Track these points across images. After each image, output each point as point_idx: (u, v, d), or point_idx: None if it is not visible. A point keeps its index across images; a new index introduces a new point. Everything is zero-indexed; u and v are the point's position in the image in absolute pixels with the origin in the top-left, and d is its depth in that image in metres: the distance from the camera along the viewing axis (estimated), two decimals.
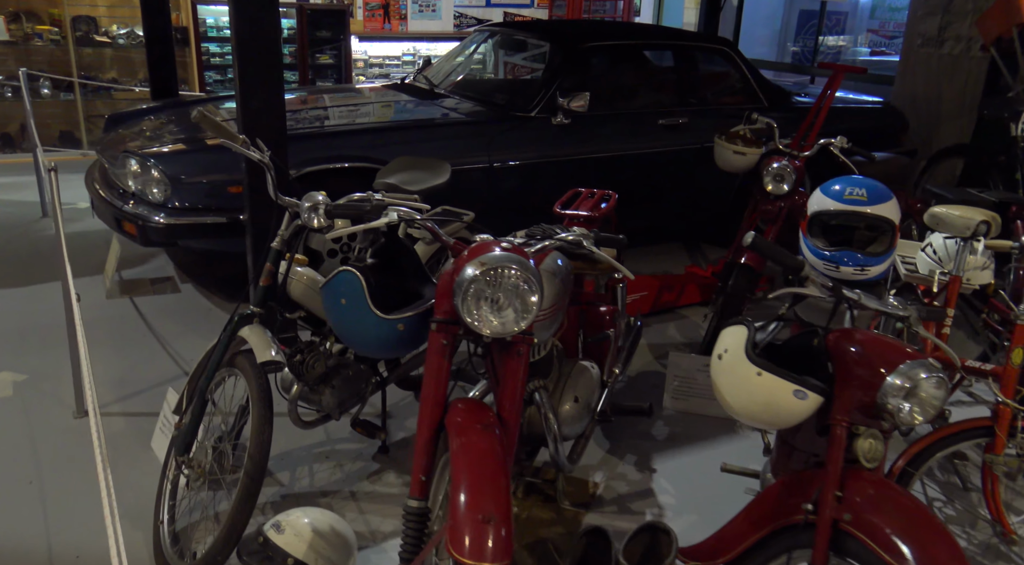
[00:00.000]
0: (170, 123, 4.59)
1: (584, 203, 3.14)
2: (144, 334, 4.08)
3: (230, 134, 2.44)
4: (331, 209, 1.99)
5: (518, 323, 1.86)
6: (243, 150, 2.47)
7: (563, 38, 4.97)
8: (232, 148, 2.46)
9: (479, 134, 4.53)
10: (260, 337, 2.44)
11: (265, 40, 3.33)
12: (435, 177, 3.11)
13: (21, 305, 4.36)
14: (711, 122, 5.17)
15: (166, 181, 3.92)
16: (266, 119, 3.39)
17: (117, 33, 7.40)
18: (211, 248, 4.09)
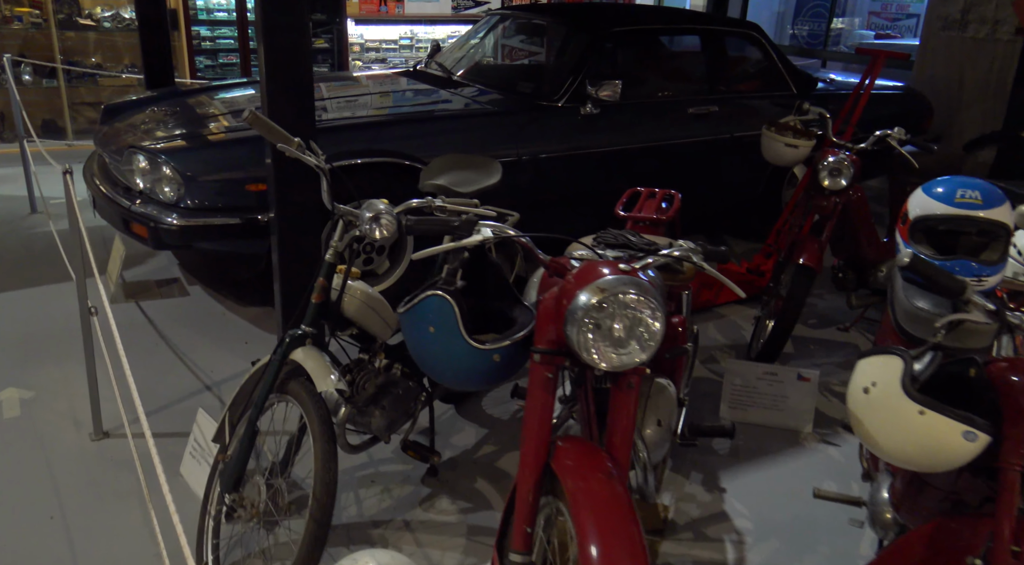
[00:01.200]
0: (175, 115, 4.29)
1: (647, 204, 2.92)
2: (156, 343, 3.81)
3: (284, 137, 2.19)
4: (412, 224, 1.75)
5: (640, 354, 1.64)
6: (298, 154, 2.21)
7: (589, 23, 4.72)
8: (287, 152, 2.20)
9: (506, 125, 4.29)
10: (318, 362, 2.20)
11: (294, 26, 3.05)
12: (487, 177, 2.87)
13: (18, 312, 4.06)
14: (741, 110, 4.97)
15: (179, 179, 3.63)
16: (294, 111, 3.12)
17: (102, 15, 7.02)
18: (227, 250, 3.81)
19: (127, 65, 7.33)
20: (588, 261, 1.73)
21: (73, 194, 2.74)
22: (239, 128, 3.92)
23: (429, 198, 2.41)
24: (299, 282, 3.34)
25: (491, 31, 5.49)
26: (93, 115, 7.42)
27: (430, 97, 4.60)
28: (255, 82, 5.04)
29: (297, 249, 3.30)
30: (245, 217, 3.71)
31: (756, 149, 5.01)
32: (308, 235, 3.31)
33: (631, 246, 2.40)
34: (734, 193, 5.15)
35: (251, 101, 4.56)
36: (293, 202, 3.21)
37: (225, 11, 7.47)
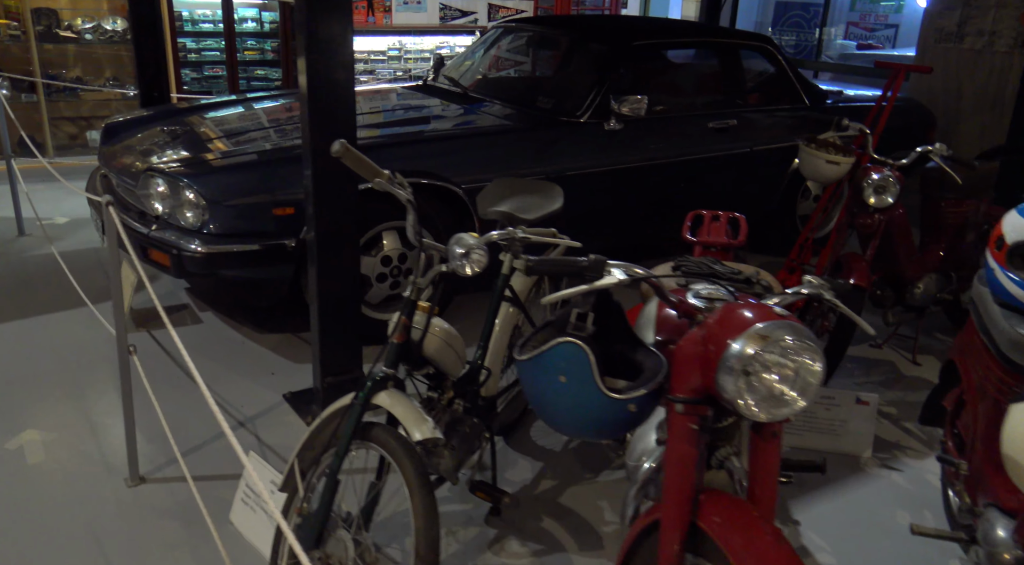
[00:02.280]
0: (186, 135, 4.09)
1: (713, 228, 2.83)
2: (176, 376, 3.61)
3: (374, 170, 2.05)
4: (535, 265, 1.63)
5: (800, 403, 1.54)
6: (388, 187, 2.08)
7: (609, 36, 4.64)
8: (377, 186, 2.07)
9: (530, 143, 4.18)
10: (408, 408, 2.06)
11: (338, 42, 2.90)
12: (550, 203, 2.76)
13: (24, 344, 3.82)
14: (758, 124, 4.93)
15: (202, 204, 3.45)
16: (336, 131, 2.97)
17: (82, 27, 6.75)
18: (250, 276, 3.64)
19: (109, 78, 7.06)
20: (728, 303, 1.63)
21: (119, 227, 2.56)
22: (262, 150, 3.75)
23: (510, 229, 2.28)
24: (337, 307, 3.19)
25: (496, 44, 5.38)
26: (73, 130, 7.14)
27: (451, 114, 4.47)
28: (247, 100, 4.84)
29: (336, 273, 3.15)
30: (271, 242, 3.55)
31: (773, 162, 5.00)
32: (346, 258, 3.17)
33: (718, 275, 2.31)
34: (751, 206, 5.11)
35: (245, 119, 4.39)
36: (332, 224, 3.06)
37: (211, 22, 7.25)
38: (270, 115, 4.50)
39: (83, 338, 3.90)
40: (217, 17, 7.22)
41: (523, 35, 5.33)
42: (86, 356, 3.74)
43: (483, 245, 2.03)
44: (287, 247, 3.56)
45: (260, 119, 4.40)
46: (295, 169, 3.59)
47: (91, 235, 5.33)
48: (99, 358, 3.73)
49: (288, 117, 4.44)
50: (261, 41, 7.46)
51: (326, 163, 2.97)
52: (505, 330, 2.81)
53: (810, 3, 11.00)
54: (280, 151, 3.73)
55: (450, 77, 5.10)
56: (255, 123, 4.30)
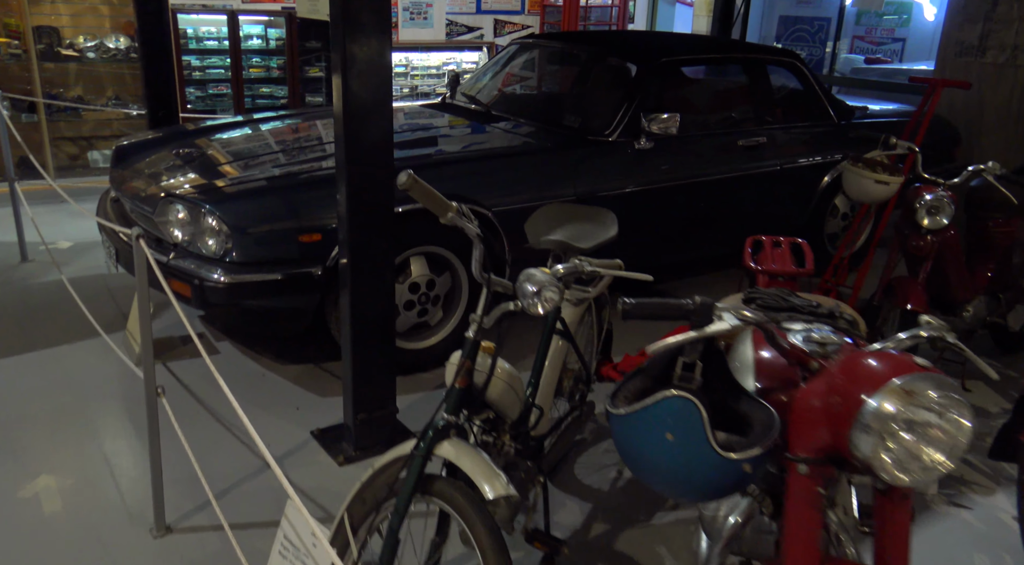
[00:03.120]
0: (203, 158, 3.92)
1: (776, 255, 2.67)
2: (196, 411, 3.43)
3: (443, 204, 1.89)
4: (630, 309, 1.47)
5: (948, 464, 1.38)
6: (458, 221, 1.91)
7: (637, 53, 4.51)
8: (448, 221, 1.91)
9: (560, 163, 4.03)
10: (477, 461, 1.88)
11: (376, 61, 2.74)
12: (604, 230, 2.60)
13: (31, 379, 3.63)
14: (787, 141, 4.79)
15: (225, 231, 3.28)
16: (374, 154, 2.81)
17: (84, 46, 6.58)
18: (274, 307, 3.46)
19: (111, 97, 6.88)
20: (850, 349, 1.47)
21: (151, 262, 2.38)
22: (285, 174, 3.59)
23: (576, 262, 2.12)
24: (371, 338, 3.02)
25: (514, 61, 5.24)
26: (74, 151, 6.95)
27: (475, 133, 4.32)
28: (257, 121, 4.66)
29: (370, 301, 2.98)
30: (297, 271, 3.37)
31: (802, 180, 4.87)
32: (381, 285, 3.00)
33: (797, 309, 2.15)
34: (781, 225, 4.96)
35: (259, 141, 4.22)
36: (367, 249, 2.89)
37: (215, 39, 7.09)
38: (284, 137, 4.34)
39: (97, 371, 3.71)
40: (222, 34, 7.07)
41: (544, 52, 5.19)
42: (101, 391, 3.55)
43: (557, 283, 1.86)
44: (313, 275, 3.39)
45: (275, 141, 4.23)
46: (320, 193, 3.43)
47: (97, 260, 5.13)
48: (115, 393, 3.54)
49: (305, 138, 4.28)
50: (266, 58, 7.30)
51: (360, 184, 2.81)
52: (556, 365, 2.64)
53: (815, 17, 10.94)
54: (304, 175, 3.57)
55: (469, 95, 4.95)
56: (271, 145, 4.13)
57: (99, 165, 6.94)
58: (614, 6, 9.12)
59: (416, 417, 3.43)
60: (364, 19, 2.67)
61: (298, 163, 3.77)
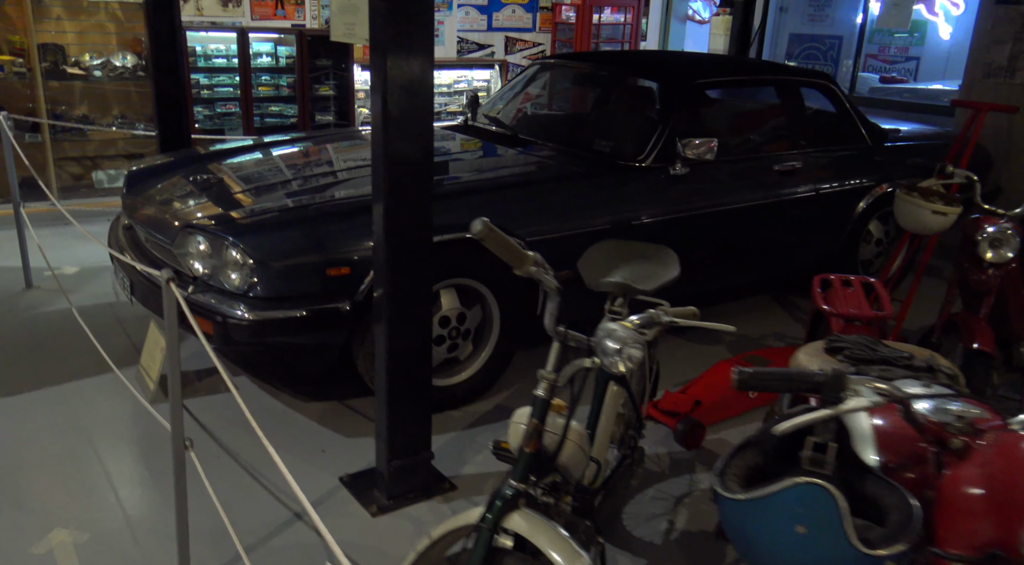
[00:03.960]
0: (218, 185, 3.75)
1: (848, 296, 2.50)
2: (217, 455, 3.23)
3: (519, 254, 1.71)
4: (748, 378, 1.29)
5: None
6: (540, 274, 1.74)
7: (671, 75, 4.35)
8: (525, 273, 1.73)
9: (593, 189, 3.86)
10: (553, 537, 1.70)
11: (417, 82, 2.57)
12: (666, 269, 2.42)
13: (40, 420, 3.43)
14: (823, 165, 4.64)
15: (250, 265, 3.10)
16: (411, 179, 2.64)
17: (90, 64, 6.41)
18: (299, 344, 3.27)
19: (117, 116, 6.70)
20: (1011, 432, 1.29)
21: (184, 307, 2.19)
22: (311, 204, 3.41)
23: (652, 312, 1.94)
24: (408, 376, 2.83)
25: (536, 81, 5.08)
26: (79, 171, 6.77)
27: (503, 159, 4.15)
28: (272, 144, 4.46)
29: (408, 335, 2.80)
30: (324, 306, 3.19)
31: (838, 205, 4.71)
32: (418, 318, 2.82)
33: (891, 361, 1.97)
34: (816, 252, 4.81)
35: (279, 167, 4.05)
36: (405, 280, 2.71)
37: (224, 57, 6.93)
38: (303, 162, 4.17)
39: (110, 410, 3.52)
40: (231, 52, 6.91)
41: (568, 72, 5.04)
42: (115, 433, 3.35)
43: (642, 339, 1.68)
44: (340, 311, 3.20)
45: (294, 167, 4.06)
46: (348, 224, 3.26)
47: (105, 287, 4.94)
48: (130, 435, 3.35)
49: (326, 163, 4.11)
50: (276, 76, 7.14)
51: (398, 212, 2.63)
52: (611, 415, 2.47)
53: (827, 35, 10.84)
54: (330, 204, 3.40)
55: (492, 117, 4.79)
56: (290, 172, 3.96)
57: (104, 186, 6.75)
58: (627, 24, 9.00)
59: (448, 461, 3.24)
60: (408, 42, 2.50)
61: (322, 191, 3.60)
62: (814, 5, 10.89)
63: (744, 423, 3.62)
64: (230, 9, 6.95)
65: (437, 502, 3.00)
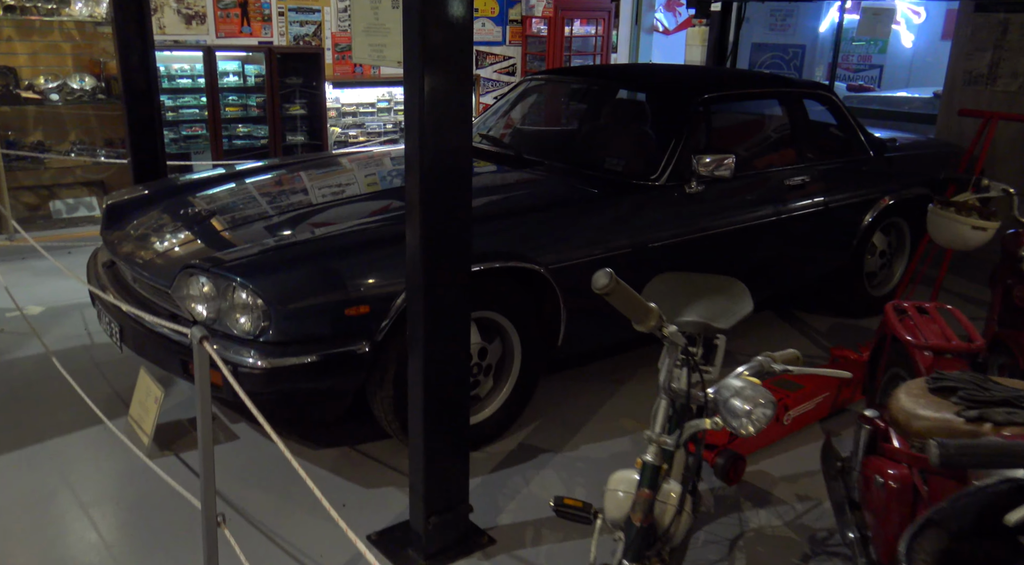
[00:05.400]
0: (210, 219, 3.47)
1: (926, 325, 2.35)
2: (229, 517, 2.94)
3: (645, 309, 1.51)
4: (955, 453, 1.11)
5: None
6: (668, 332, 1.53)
7: (678, 89, 4.21)
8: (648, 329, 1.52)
9: (608, 211, 3.69)
10: None
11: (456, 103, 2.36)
12: (740, 305, 2.25)
13: (26, 483, 3.10)
14: (828, 178, 4.54)
15: (261, 307, 2.83)
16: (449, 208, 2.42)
17: (46, 87, 6.02)
18: (314, 390, 3.01)
19: (75, 142, 6.31)
20: None
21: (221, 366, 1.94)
22: (323, 237, 3.16)
23: (760, 360, 1.75)
24: (445, 421, 2.60)
25: (528, 98, 4.89)
26: (34, 201, 6.36)
27: (512, 181, 3.95)
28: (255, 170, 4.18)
29: (445, 374, 2.57)
30: (342, 349, 2.94)
31: (846, 218, 4.62)
32: (458, 359, 2.59)
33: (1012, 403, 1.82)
34: (823, 266, 4.71)
35: (271, 196, 3.79)
36: (444, 316, 2.48)
37: (189, 77, 6.59)
38: (301, 189, 3.91)
39: (103, 468, 3.20)
40: (196, 72, 6.57)
41: (566, 88, 4.86)
42: (110, 493, 3.04)
43: (772, 398, 1.50)
44: (360, 353, 2.96)
45: (288, 197, 3.80)
46: (366, 257, 3.02)
47: (76, 328, 4.59)
48: (128, 496, 3.04)
49: (328, 190, 3.86)
50: (244, 96, 6.82)
51: (439, 239, 2.40)
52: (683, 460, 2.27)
53: (789, 44, 10.89)
54: (345, 236, 3.15)
55: (489, 136, 4.59)
56: (285, 202, 3.70)
57: (63, 216, 6.35)
58: (597, 36, 8.90)
59: (481, 509, 3.00)
60: (446, 61, 2.29)
61: (327, 223, 3.35)
62: (775, 15, 10.95)
63: (782, 451, 3.48)
64: (194, 27, 6.62)
65: (478, 559, 2.77)
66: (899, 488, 2.03)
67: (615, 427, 3.70)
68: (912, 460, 2.06)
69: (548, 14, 8.40)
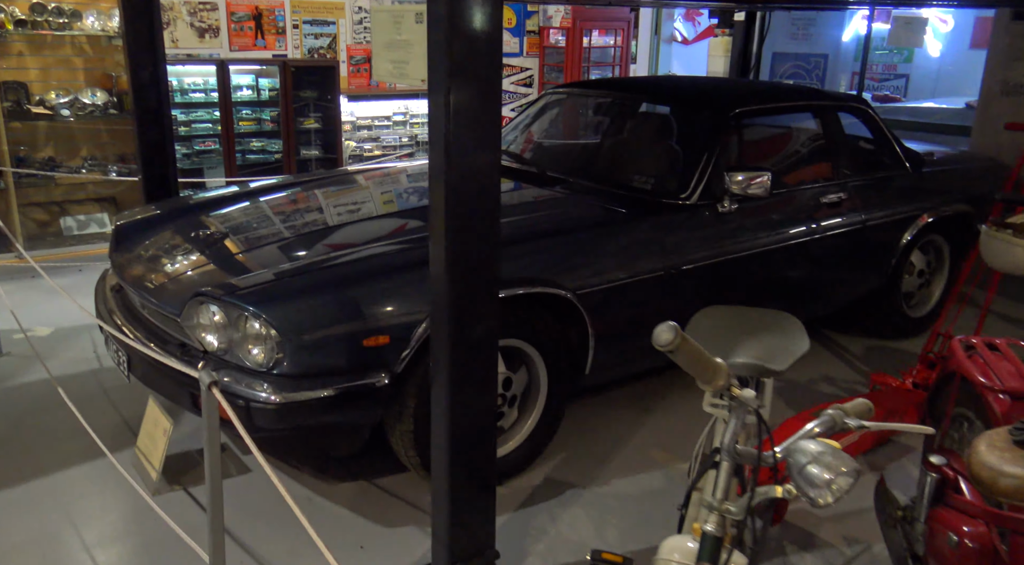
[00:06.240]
0: (220, 241, 3.31)
1: (996, 362, 2.15)
2: (241, 560, 2.77)
3: (713, 366, 1.33)
4: None
5: None
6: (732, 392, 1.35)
7: (709, 103, 4.03)
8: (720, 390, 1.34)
9: (639, 232, 3.51)
10: None
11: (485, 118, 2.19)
12: (796, 342, 2.06)
13: (15, 523, 2.94)
14: (866, 194, 4.34)
15: (275, 338, 2.66)
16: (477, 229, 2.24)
17: (57, 102, 5.91)
18: (330, 424, 2.84)
19: (87, 158, 6.20)
20: None
21: (231, 415, 1.77)
22: (340, 263, 2.99)
23: (831, 413, 1.56)
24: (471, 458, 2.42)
25: (548, 113, 4.73)
26: (45, 218, 6.24)
27: (535, 200, 3.78)
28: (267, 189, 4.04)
29: (474, 414, 2.39)
30: (361, 382, 2.76)
31: (885, 237, 4.42)
32: (486, 391, 2.41)
33: None
34: (861, 287, 4.50)
35: (286, 217, 3.63)
36: (471, 344, 2.30)
37: (202, 91, 6.47)
38: (312, 212, 3.75)
39: (111, 507, 3.04)
40: (209, 86, 6.45)
41: (590, 101, 4.69)
42: (121, 536, 2.87)
43: (854, 465, 1.31)
44: (378, 386, 2.78)
45: (304, 218, 3.64)
46: (386, 284, 2.86)
47: (84, 351, 4.44)
48: (139, 538, 2.88)
49: (345, 211, 3.70)
50: (258, 110, 6.70)
51: (463, 258, 2.23)
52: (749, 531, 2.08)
53: (810, 54, 10.69)
54: (362, 262, 2.98)
55: (510, 152, 4.41)
56: (301, 224, 3.54)
57: (73, 233, 6.23)
58: (616, 47, 8.74)
59: (507, 552, 2.81)
60: (474, 76, 2.12)
61: (344, 247, 3.18)
62: (797, 24, 10.76)
63: None
64: (207, 40, 6.51)
65: None
66: (977, 549, 1.83)
67: (645, 459, 3.51)
68: (990, 517, 1.86)
69: (566, 25, 8.24)
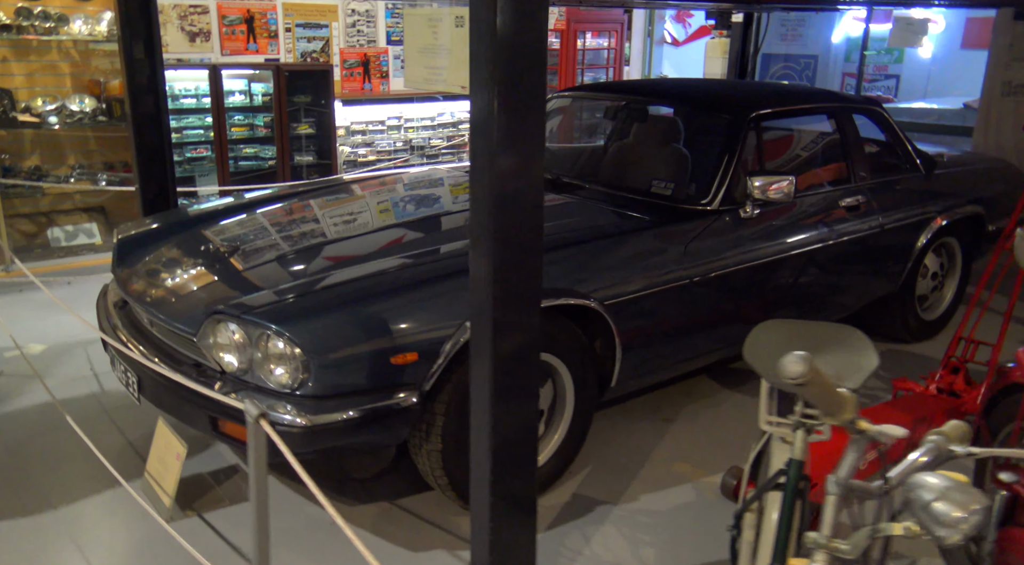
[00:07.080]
0: (230, 255, 3.18)
1: None
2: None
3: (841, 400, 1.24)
4: None
5: None
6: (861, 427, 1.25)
7: (729, 106, 3.95)
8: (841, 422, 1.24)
9: (668, 240, 3.42)
10: None
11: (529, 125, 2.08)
12: (864, 357, 1.98)
13: (23, 558, 2.79)
14: (883, 197, 4.28)
15: (299, 357, 2.54)
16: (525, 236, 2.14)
17: (44, 109, 5.72)
18: (355, 443, 2.72)
19: (74, 167, 6.01)
20: None
21: (282, 447, 1.64)
22: (364, 276, 2.87)
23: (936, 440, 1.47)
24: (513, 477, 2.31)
25: (561, 116, 4.63)
26: (32, 229, 6.05)
27: (558, 208, 3.66)
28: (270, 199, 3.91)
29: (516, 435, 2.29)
30: (389, 401, 2.64)
31: (902, 240, 4.36)
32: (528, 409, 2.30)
33: None
34: (878, 290, 4.45)
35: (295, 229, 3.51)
36: (516, 360, 2.19)
37: (193, 97, 6.30)
38: (329, 221, 3.63)
39: (121, 536, 2.90)
40: (200, 91, 6.29)
41: (602, 105, 4.59)
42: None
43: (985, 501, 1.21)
44: (407, 405, 2.66)
45: (315, 228, 3.51)
46: (414, 298, 2.75)
47: (80, 368, 4.28)
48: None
49: (360, 222, 3.58)
50: (250, 115, 6.54)
51: (507, 268, 2.12)
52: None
53: (800, 55, 10.69)
54: (388, 276, 2.86)
55: None
56: (313, 235, 3.42)
57: (60, 244, 6.04)
58: (610, 49, 8.66)
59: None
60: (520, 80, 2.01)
61: (365, 259, 3.06)
62: (786, 25, 10.75)
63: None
64: (198, 44, 6.34)
65: None
66: None
67: (671, 473, 3.41)
68: None
69: (560, 27, 8.16)
